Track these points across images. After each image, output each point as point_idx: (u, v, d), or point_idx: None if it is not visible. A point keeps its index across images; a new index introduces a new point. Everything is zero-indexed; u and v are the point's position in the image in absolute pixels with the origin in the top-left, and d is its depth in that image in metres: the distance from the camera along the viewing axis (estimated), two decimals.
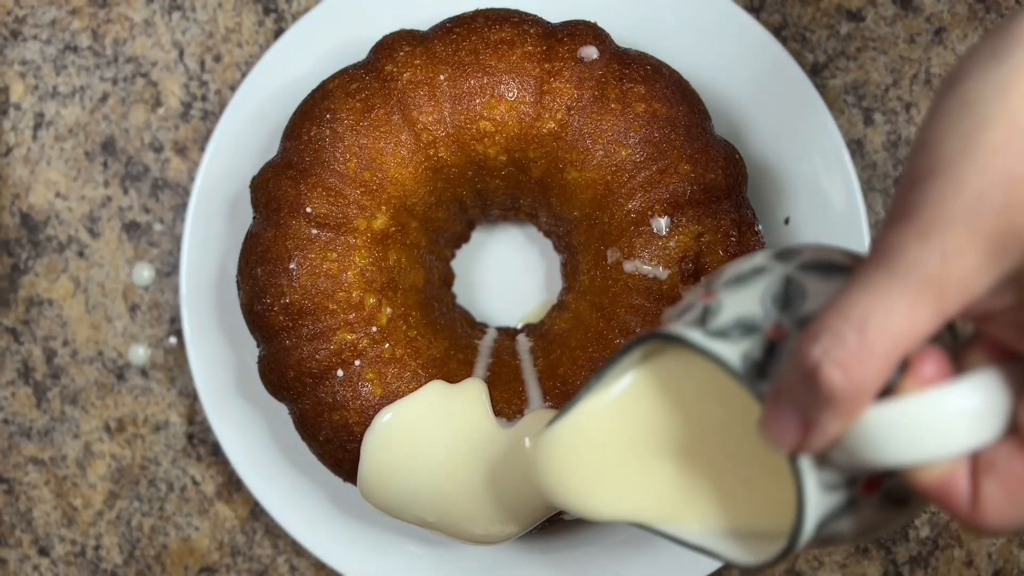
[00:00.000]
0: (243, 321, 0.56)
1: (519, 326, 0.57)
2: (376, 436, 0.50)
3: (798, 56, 0.59)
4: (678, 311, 0.38)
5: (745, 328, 0.35)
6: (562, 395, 0.51)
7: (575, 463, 0.41)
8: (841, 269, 0.36)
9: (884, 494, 0.35)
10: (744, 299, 0.36)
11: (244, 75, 0.60)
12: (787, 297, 0.35)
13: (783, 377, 0.33)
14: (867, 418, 0.32)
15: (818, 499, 0.34)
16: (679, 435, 0.39)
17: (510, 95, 0.50)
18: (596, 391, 0.40)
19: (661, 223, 0.50)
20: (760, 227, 0.52)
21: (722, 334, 0.35)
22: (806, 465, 0.34)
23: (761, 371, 0.34)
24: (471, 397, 0.50)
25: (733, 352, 0.35)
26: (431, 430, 0.50)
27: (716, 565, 0.55)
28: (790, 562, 0.59)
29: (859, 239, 0.54)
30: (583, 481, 0.41)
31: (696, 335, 0.35)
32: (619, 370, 0.39)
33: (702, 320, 0.36)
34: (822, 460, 0.34)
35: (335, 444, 0.51)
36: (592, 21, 0.52)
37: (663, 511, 0.40)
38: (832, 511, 0.34)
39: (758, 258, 0.38)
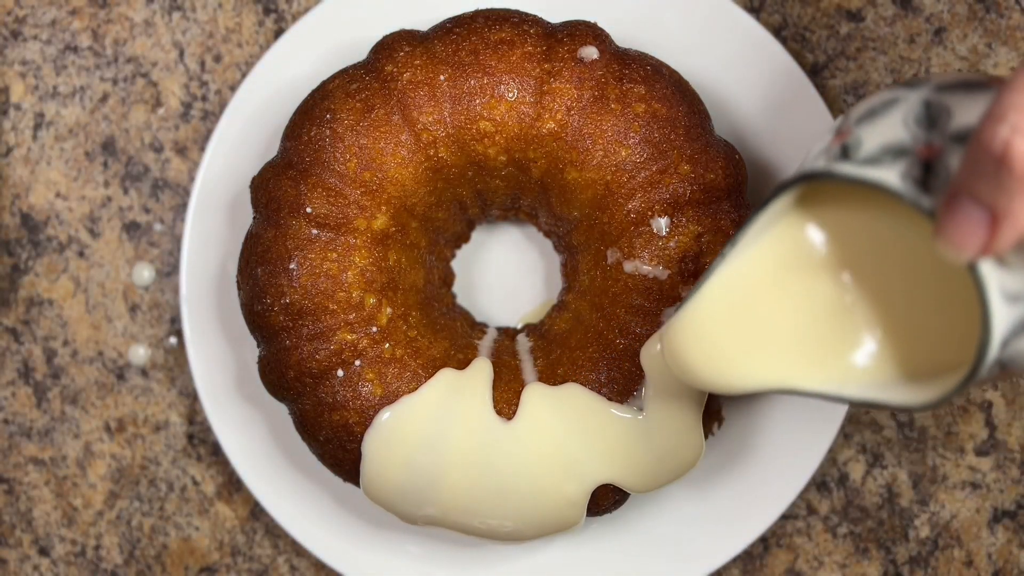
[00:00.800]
0: (243, 321, 0.56)
1: (519, 326, 0.57)
2: (379, 433, 0.50)
3: (798, 56, 0.59)
4: (810, 159, 0.36)
5: (894, 152, 0.34)
6: None
7: (718, 335, 0.39)
8: (980, 85, 0.34)
9: None
10: (884, 128, 0.35)
11: (244, 75, 0.60)
12: (930, 117, 0.34)
13: (960, 175, 0.31)
14: None
15: (1002, 311, 0.32)
16: (829, 287, 0.38)
17: (510, 95, 0.50)
18: (731, 257, 0.38)
19: (661, 223, 0.50)
20: None
21: (872, 161, 0.34)
22: (988, 272, 0.32)
23: (923, 188, 0.33)
24: (477, 381, 0.50)
25: (890, 175, 0.33)
26: (436, 424, 0.50)
27: (716, 565, 0.55)
28: (791, 560, 0.59)
29: None
30: (729, 353, 0.39)
31: (847, 167, 0.34)
32: (755, 231, 0.37)
33: (844, 155, 0.35)
34: (1002, 266, 0.32)
35: (335, 444, 0.51)
36: (592, 21, 0.52)
37: (817, 370, 0.38)
38: (1015, 325, 0.33)
39: (884, 92, 0.36)
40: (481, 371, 0.51)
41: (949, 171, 0.33)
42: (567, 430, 0.49)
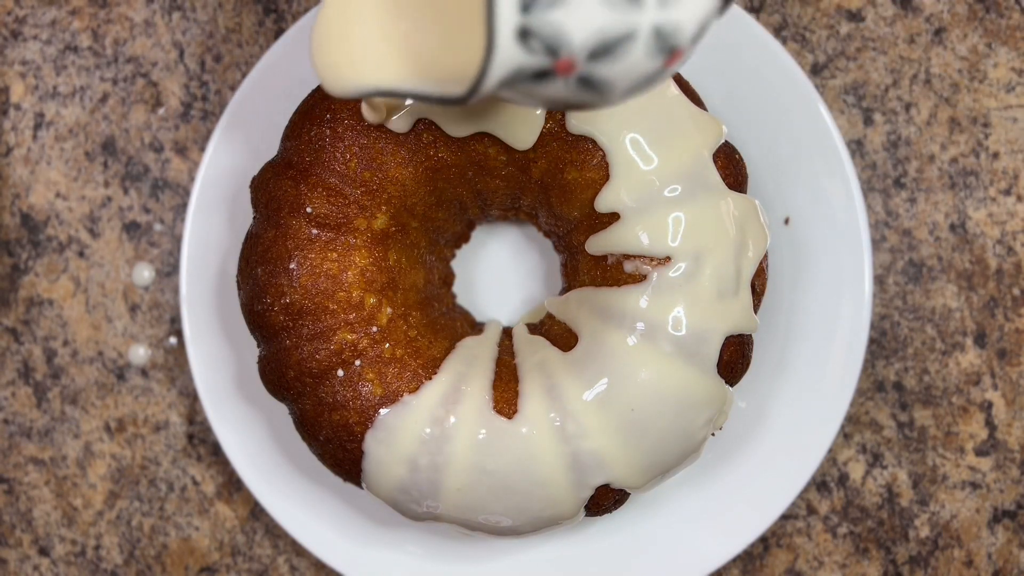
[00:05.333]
0: (243, 321, 0.56)
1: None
2: (381, 432, 0.50)
3: (798, 56, 0.59)
4: None
5: None
6: None
7: (334, 43, 0.41)
8: None
9: None
10: None
11: (244, 75, 0.60)
12: None
13: None
14: None
15: None
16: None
17: None
18: None
19: None
20: None
21: None
22: None
23: None
24: (483, 370, 0.50)
25: None
26: (437, 423, 0.50)
27: (716, 565, 0.55)
28: (791, 560, 0.59)
29: (859, 239, 0.54)
30: (341, 59, 0.41)
31: None
32: None
33: None
34: None
35: (335, 444, 0.51)
36: None
37: (391, 70, 0.40)
38: None
39: None
40: (495, 332, 0.53)
41: None
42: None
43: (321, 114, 0.51)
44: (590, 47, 0.34)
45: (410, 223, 0.52)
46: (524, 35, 0.33)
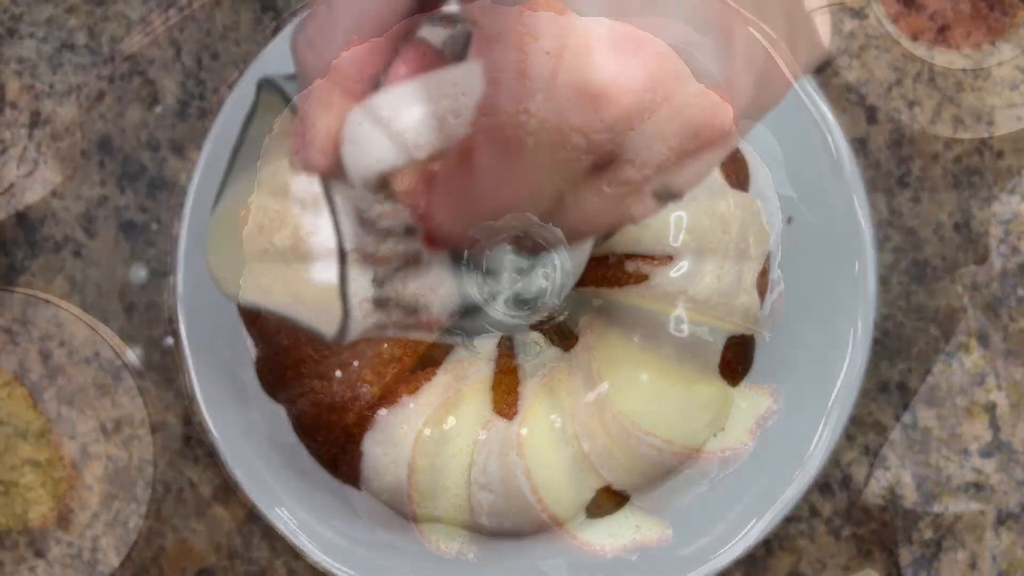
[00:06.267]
0: (240, 321, 0.56)
1: None
2: (380, 433, 0.49)
3: None
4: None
5: None
6: None
7: (221, 251, 0.41)
8: None
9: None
10: None
11: (242, 73, 0.60)
12: None
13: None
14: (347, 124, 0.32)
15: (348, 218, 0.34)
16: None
17: None
18: (231, 181, 0.40)
19: None
20: None
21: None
22: (339, 194, 0.34)
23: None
24: (479, 379, 0.50)
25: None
26: (436, 424, 0.49)
27: (718, 567, 0.55)
28: (794, 562, 0.59)
29: (862, 239, 0.54)
30: (225, 272, 0.41)
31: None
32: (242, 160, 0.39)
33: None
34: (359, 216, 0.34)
35: (333, 445, 0.51)
36: None
37: (280, 295, 0.39)
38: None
39: None
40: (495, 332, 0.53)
41: None
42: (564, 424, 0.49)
43: None
44: (449, 312, 0.35)
45: None
46: (381, 303, 0.35)
